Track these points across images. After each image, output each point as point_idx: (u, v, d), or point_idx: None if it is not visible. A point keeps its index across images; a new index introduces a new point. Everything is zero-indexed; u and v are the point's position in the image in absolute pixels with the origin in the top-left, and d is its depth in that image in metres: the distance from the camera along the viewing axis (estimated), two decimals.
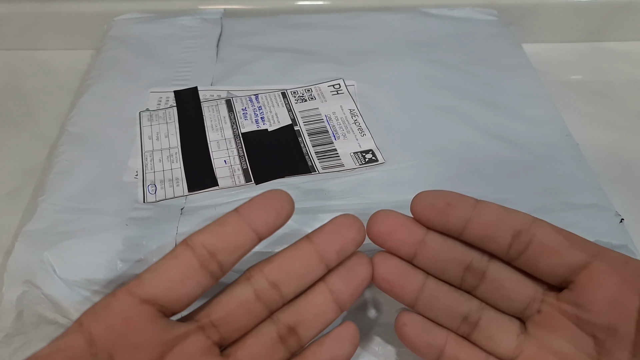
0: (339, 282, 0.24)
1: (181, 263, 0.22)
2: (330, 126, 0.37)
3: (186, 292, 0.22)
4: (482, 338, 0.24)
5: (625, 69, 0.48)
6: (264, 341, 0.24)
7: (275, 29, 0.46)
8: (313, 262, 0.24)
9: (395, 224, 0.24)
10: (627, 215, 0.31)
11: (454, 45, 0.44)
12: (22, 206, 0.34)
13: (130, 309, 0.21)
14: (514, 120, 0.37)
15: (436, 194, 0.24)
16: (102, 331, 0.21)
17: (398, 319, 0.25)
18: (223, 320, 0.23)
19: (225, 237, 0.22)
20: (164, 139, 0.36)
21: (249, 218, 0.23)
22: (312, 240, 0.24)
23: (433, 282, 0.25)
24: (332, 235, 0.24)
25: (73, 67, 0.47)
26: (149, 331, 0.21)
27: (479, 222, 0.23)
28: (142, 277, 0.22)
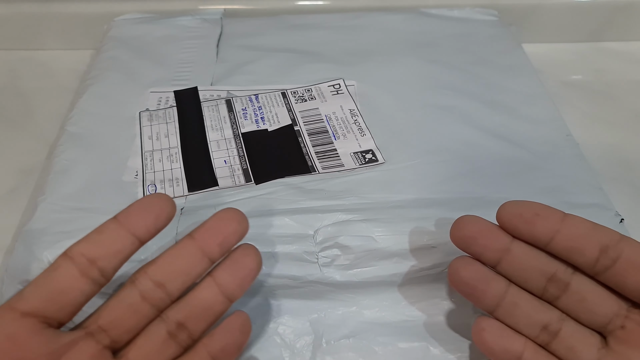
0: (225, 275, 0.25)
1: (61, 274, 0.23)
2: (330, 126, 0.37)
3: (69, 302, 0.23)
4: (561, 348, 0.24)
5: (626, 69, 0.48)
6: (154, 339, 0.24)
7: (275, 29, 0.46)
8: (196, 257, 0.24)
9: (481, 229, 0.24)
10: (627, 215, 0.31)
11: (454, 46, 0.44)
12: (21, 206, 0.34)
13: (13, 324, 0.22)
14: (514, 120, 0.37)
15: (524, 204, 0.24)
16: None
17: (477, 324, 0.25)
18: (111, 324, 0.24)
19: (103, 243, 0.23)
20: (164, 138, 0.36)
21: (127, 223, 0.23)
22: (193, 237, 0.25)
23: (515, 289, 0.25)
24: (213, 230, 0.24)
25: (73, 67, 0.47)
26: (33, 344, 0.22)
27: (567, 234, 0.23)
28: (23, 292, 0.22)
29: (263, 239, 0.29)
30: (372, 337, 0.29)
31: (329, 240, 0.29)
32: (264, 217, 0.30)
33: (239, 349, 0.25)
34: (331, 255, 0.29)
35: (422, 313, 0.29)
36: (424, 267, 0.29)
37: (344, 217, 0.30)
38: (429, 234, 0.29)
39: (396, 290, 0.30)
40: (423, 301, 0.29)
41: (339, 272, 0.29)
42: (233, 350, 0.25)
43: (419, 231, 0.29)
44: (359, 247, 0.29)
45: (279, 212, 0.30)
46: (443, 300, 0.29)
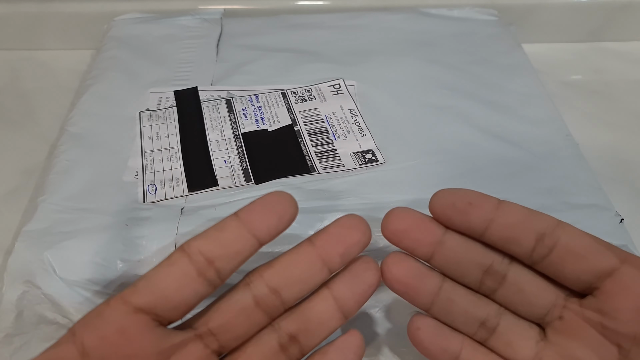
0: (344, 289, 0.23)
1: (177, 270, 0.21)
2: (330, 126, 0.37)
3: (182, 301, 0.21)
4: (500, 344, 0.23)
5: (625, 69, 0.48)
6: (264, 350, 0.23)
7: (275, 29, 0.46)
8: (315, 266, 0.23)
9: (412, 222, 0.23)
10: (627, 215, 0.31)
11: (454, 46, 0.44)
12: (22, 206, 0.34)
13: (125, 318, 0.20)
14: (514, 120, 0.37)
15: (457, 192, 0.23)
16: (95, 341, 0.20)
17: (411, 322, 0.24)
18: (221, 328, 0.22)
19: (223, 243, 0.21)
20: (164, 139, 0.36)
21: (249, 223, 0.21)
22: (314, 243, 0.23)
23: (450, 284, 0.24)
24: (336, 238, 0.23)
25: (73, 67, 0.47)
26: (143, 341, 0.20)
27: (502, 223, 0.22)
28: (137, 285, 0.21)
29: None
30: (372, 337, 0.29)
31: None
32: None
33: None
34: None
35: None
36: None
37: None
38: None
39: None
40: None
41: None
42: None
43: None
44: None
45: None
46: None
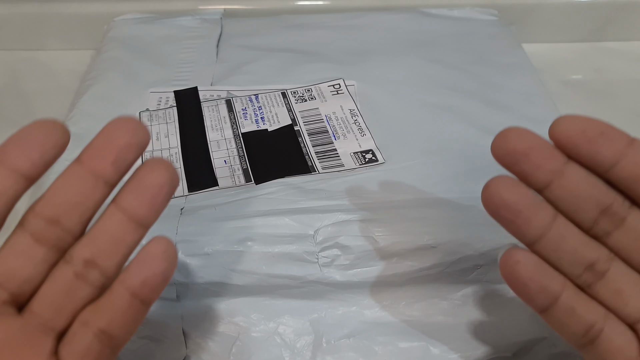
0: (130, 198, 0.21)
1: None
2: (330, 126, 0.37)
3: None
4: (607, 291, 0.21)
5: (626, 69, 0.48)
6: (59, 284, 0.21)
7: (275, 29, 0.46)
8: (89, 183, 0.21)
9: (533, 144, 0.21)
10: None
11: (454, 45, 0.44)
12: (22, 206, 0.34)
13: None
14: (514, 120, 0.37)
15: (588, 121, 0.20)
16: None
17: (508, 255, 0.21)
18: (5, 277, 0.20)
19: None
20: (164, 139, 0.36)
21: (6, 160, 0.20)
22: (80, 160, 0.21)
23: (562, 220, 0.21)
24: (102, 147, 0.21)
25: (73, 67, 0.47)
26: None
27: (634, 161, 0.20)
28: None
29: (263, 239, 0.29)
30: (372, 337, 0.29)
31: (329, 240, 0.29)
32: (264, 217, 0.30)
33: (164, 280, 0.21)
34: (331, 255, 0.29)
35: (422, 313, 0.29)
36: (423, 267, 0.29)
37: (344, 217, 0.30)
38: (429, 234, 0.29)
39: (396, 290, 0.30)
40: (423, 301, 0.29)
41: (339, 272, 0.29)
42: (157, 282, 0.21)
43: (419, 231, 0.29)
44: (359, 247, 0.29)
45: (279, 212, 0.30)
46: (443, 300, 0.30)
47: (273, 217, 0.30)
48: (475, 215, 0.31)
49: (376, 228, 0.29)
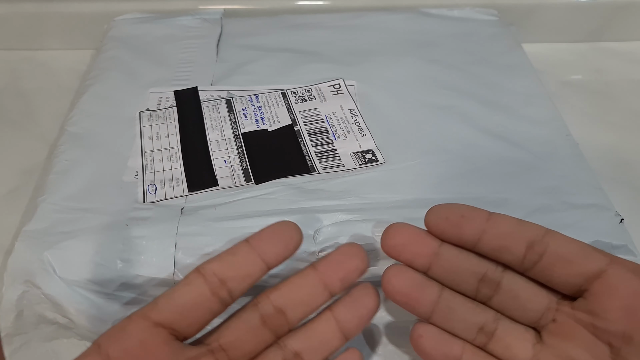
0: (345, 311, 0.25)
1: (193, 290, 0.23)
2: (330, 126, 0.37)
3: (198, 318, 0.23)
4: (498, 348, 0.24)
5: (626, 69, 0.48)
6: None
7: (276, 29, 0.46)
8: (317, 289, 0.25)
9: (409, 236, 0.25)
10: (627, 215, 0.31)
11: (454, 46, 0.44)
12: (22, 206, 0.34)
13: (145, 332, 0.22)
14: (514, 120, 0.37)
15: (450, 207, 0.24)
16: (119, 353, 0.22)
17: (414, 330, 0.25)
18: (232, 344, 0.24)
19: (235, 265, 0.24)
20: (164, 139, 0.36)
21: (259, 248, 0.24)
22: (316, 268, 0.25)
23: (448, 293, 0.25)
24: (336, 264, 0.25)
25: (73, 67, 0.47)
26: (162, 353, 0.22)
27: (493, 233, 0.23)
28: (157, 302, 0.23)
29: None
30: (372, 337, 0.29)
31: (329, 240, 0.29)
32: (264, 217, 0.30)
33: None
34: None
35: None
36: None
37: (344, 217, 0.30)
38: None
39: None
40: None
41: None
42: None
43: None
44: None
45: (279, 212, 0.30)
46: None
47: (273, 217, 0.30)
48: None
49: (376, 228, 0.29)
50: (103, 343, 0.22)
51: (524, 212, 0.31)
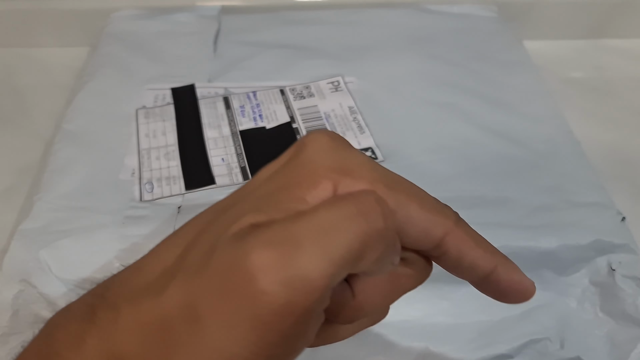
0: None
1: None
2: (329, 124, 0.37)
3: None
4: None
5: (627, 66, 0.48)
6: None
7: (273, 25, 0.45)
8: None
9: None
10: (628, 214, 0.30)
11: (454, 42, 0.44)
12: (17, 205, 0.34)
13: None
14: (514, 118, 0.37)
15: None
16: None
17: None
18: None
19: None
20: (161, 136, 0.36)
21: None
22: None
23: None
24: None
25: (69, 64, 0.47)
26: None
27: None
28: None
29: None
30: (372, 337, 0.29)
31: None
32: None
33: None
34: None
35: (422, 313, 0.29)
36: None
37: None
38: None
39: None
40: (423, 301, 0.29)
41: None
42: None
43: None
44: None
45: None
46: (443, 300, 0.29)
47: None
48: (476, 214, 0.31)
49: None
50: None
51: (525, 210, 0.31)
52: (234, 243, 0.14)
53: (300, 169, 0.17)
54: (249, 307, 0.14)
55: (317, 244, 0.14)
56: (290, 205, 0.15)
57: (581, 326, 0.28)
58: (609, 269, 0.29)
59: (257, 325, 0.14)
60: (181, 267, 0.15)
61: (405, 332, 0.29)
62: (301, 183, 0.16)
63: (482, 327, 0.28)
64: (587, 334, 0.28)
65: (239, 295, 0.14)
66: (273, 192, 0.16)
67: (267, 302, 0.14)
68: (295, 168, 0.17)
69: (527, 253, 0.29)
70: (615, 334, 0.28)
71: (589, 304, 0.29)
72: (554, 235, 0.29)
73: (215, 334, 0.14)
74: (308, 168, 0.17)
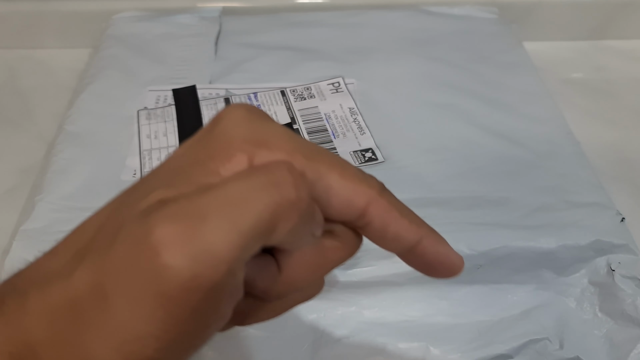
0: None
1: None
2: (330, 125, 0.37)
3: None
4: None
5: (627, 67, 0.48)
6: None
7: (274, 27, 0.45)
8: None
9: None
10: (628, 214, 0.31)
11: (454, 43, 0.44)
12: (19, 205, 0.34)
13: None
14: (514, 118, 0.37)
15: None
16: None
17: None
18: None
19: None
20: (163, 137, 0.36)
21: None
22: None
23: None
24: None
25: (71, 65, 0.47)
26: None
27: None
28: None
29: None
30: (372, 337, 0.29)
31: None
32: None
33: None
34: None
35: (422, 313, 0.29)
36: None
37: None
38: None
39: (396, 290, 0.30)
40: (423, 301, 0.29)
41: (339, 272, 0.29)
42: None
43: None
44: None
45: None
46: (443, 300, 0.29)
47: None
48: (476, 215, 0.31)
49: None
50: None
51: (525, 210, 0.31)
52: (141, 220, 0.14)
53: (215, 142, 0.16)
54: (154, 282, 0.13)
55: (224, 216, 0.14)
56: (202, 179, 0.15)
57: (580, 326, 0.28)
58: (609, 269, 0.29)
59: (164, 302, 0.14)
60: (90, 247, 0.15)
61: (405, 332, 0.29)
62: (215, 156, 0.16)
63: (481, 327, 0.28)
64: (586, 334, 0.28)
65: (144, 271, 0.14)
66: (185, 166, 0.16)
67: (172, 277, 0.13)
68: (209, 141, 0.16)
69: (526, 253, 0.29)
70: (614, 334, 0.28)
71: (588, 304, 0.29)
72: (554, 235, 0.29)
73: (122, 312, 0.14)
74: (222, 141, 0.16)
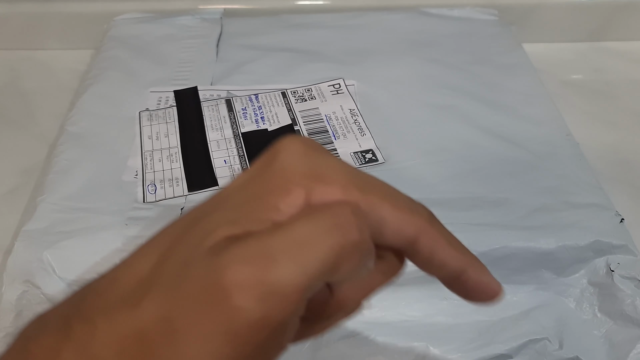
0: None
1: None
2: (330, 126, 0.37)
3: None
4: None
5: (626, 69, 0.48)
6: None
7: (275, 29, 0.46)
8: None
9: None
10: (627, 215, 0.31)
11: (454, 45, 0.44)
12: (21, 206, 0.34)
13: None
14: (514, 120, 0.37)
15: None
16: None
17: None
18: None
19: None
20: (164, 138, 0.36)
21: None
22: None
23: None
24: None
25: (73, 67, 0.47)
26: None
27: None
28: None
29: None
30: (372, 337, 0.29)
31: None
32: None
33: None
34: None
35: (422, 313, 0.29)
36: None
37: None
38: None
39: (396, 290, 0.30)
40: (423, 301, 0.29)
41: None
42: None
43: None
44: None
45: None
46: (443, 300, 0.29)
47: None
48: (476, 215, 0.31)
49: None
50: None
51: (524, 211, 0.31)
52: (210, 257, 0.15)
53: (273, 177, 0.17)
54: (224, 321, 0.14)
55: (292, 258, 0.14)
56: (264, 215, 0.16)
57: (580, 326, 0.29)
58: (608, 269, 0.29)
59: (232, 339, 0.14)
60: (157, 279, 0.15)
61: (405, 332, 0.29)
62: (274, 191, 0.16)
63: (481, 327, 0.29)
64: (585, 334, 0.28)
65: (215, 310, 0.14)
66: (246, 201, 0.16)
67: (242, 318, 0.14)
68: (267, 176, 0.17)
69: (526, 254, 0.29)
70: (613, 334, 0.28)
71: (587, 304, 0.29)
72: (553, 236, 0.29)
73: (191, 347, 0.14)
74: (280, 175, 0.17)
